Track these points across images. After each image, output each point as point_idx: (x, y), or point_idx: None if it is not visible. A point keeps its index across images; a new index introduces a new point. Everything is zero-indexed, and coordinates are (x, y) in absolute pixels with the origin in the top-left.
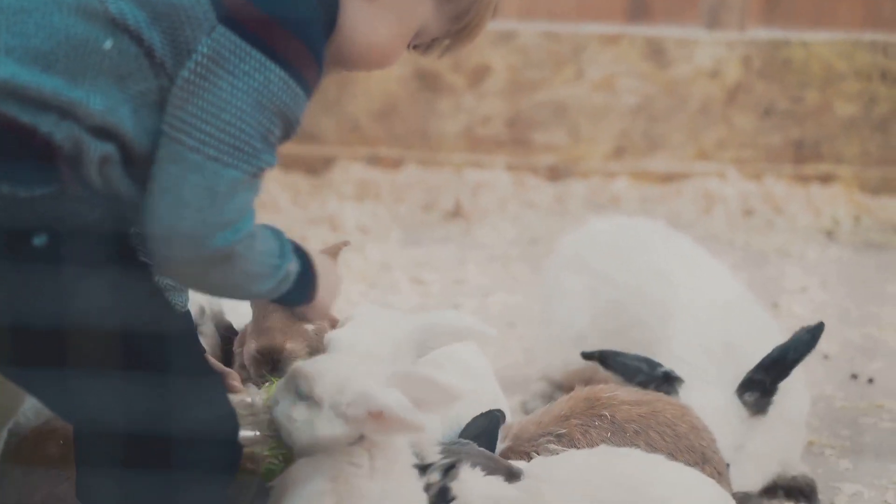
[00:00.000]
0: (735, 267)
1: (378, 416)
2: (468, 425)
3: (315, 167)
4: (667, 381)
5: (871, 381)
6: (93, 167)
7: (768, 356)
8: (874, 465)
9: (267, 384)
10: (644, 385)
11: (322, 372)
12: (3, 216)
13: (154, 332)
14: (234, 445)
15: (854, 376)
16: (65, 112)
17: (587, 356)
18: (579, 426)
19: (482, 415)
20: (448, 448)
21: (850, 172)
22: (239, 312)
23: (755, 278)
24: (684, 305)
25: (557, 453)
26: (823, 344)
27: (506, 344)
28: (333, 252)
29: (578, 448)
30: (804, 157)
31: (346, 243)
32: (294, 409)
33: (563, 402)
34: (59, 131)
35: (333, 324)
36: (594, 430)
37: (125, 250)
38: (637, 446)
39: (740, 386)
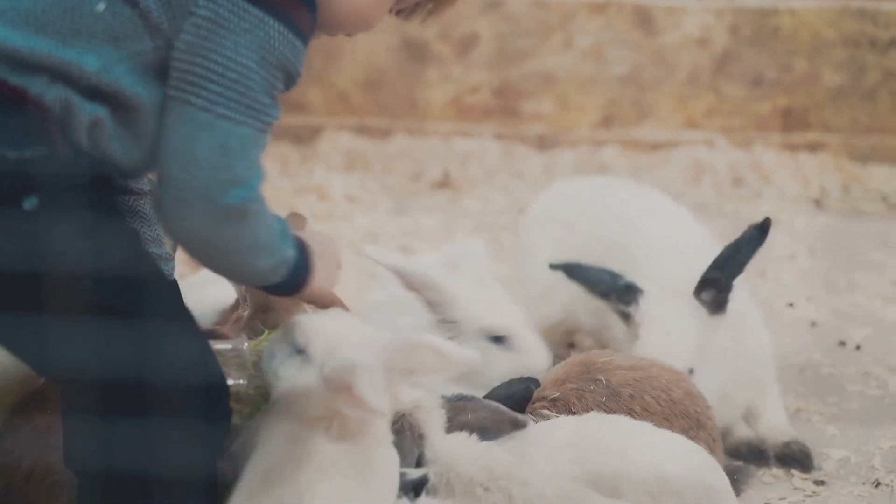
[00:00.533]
0: (723, 236)
1: (348, 390)
2: (500, 386)
3: (303, 137)
4: (628, 291)
5: (858, 347)
6: (83, 130)
7: (721, 254)
8: (861, 432)
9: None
10: (605, 295)
11: (319, 329)
12: None
13: (141, 292)
14: (219, 392)
15: (842, 343)
16: (56, 73)
17: (554, 267)
18: (574, 390)
19: (518, 380)
20: (451, 403)
21: (838, 141)
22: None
23: None
24: (646, 242)
25: (550, 418)
26: (811, 311)
27: None
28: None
29: (574, 412)
30: (792, 125)
31: (298, 217)
32: (285, 364)
33: (559, 367)
34: (50, 93)
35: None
36: (589, 394)
37: (113, 214)
38: (632, 411)
39: (697, 287)
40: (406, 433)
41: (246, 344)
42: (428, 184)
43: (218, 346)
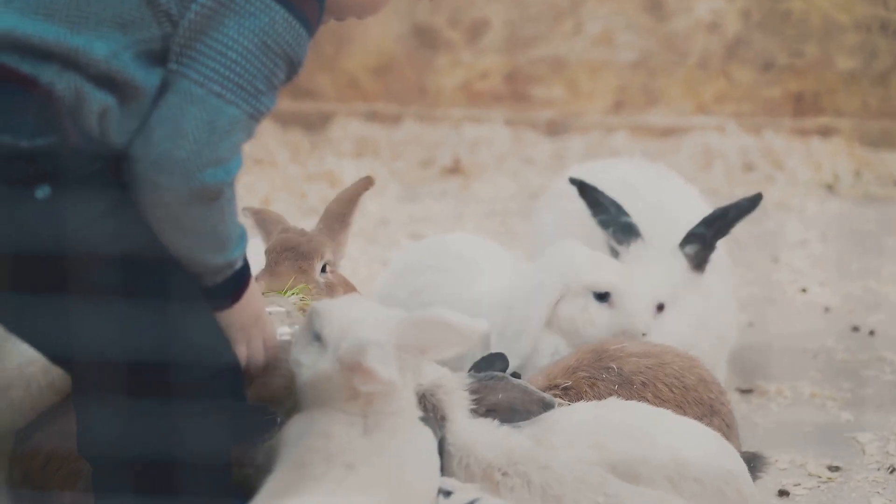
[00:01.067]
0: None
1: (360, 368)
2: (480, 361)
3: (313, 124)
4: (626, 230)
5: (872, 333)
6: (93, 118)
7: (710, 214)
8: (876, 417)
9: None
10: (605, 224)
11: (334, 313)
12: (5, 167)
13: (157, 276)
14: (235, 374)
15: (855, 329)
16: (67, 61)
17: (573, 181)
18: (586, 379)
19: (496, 355)
20: (481, 383)
21: (850, 126)
22: None
23: (755, 232)
24: (642, 206)
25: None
26: (824, 297)
27: None
28: (354, 196)
29: (586, 401)
30: (804, 110)
31: (369, 182)
32: (305, 352)
33: (570, 355)
34: (61, 82)
35: (268, 350)
36: (601, 382)
37: (126, 202)
38: (644, 399)
39: (683, 239)
40: (429, 414)
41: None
42: (438, 170)
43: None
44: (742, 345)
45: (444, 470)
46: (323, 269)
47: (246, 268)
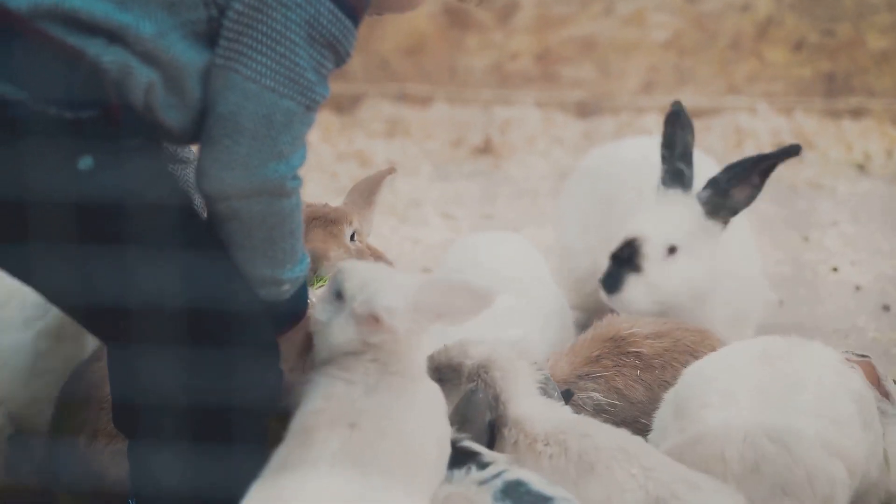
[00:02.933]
0: (766, 201)
1: (375, 321)
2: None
3: (343, 105)
4: (674, 176)
5: None
6: (139, 92)
7: (729, 165)
8: None
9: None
10: (663, 159)
11: (355, 270)
12: (50, 138)
13: (195, 252)
14: (262, 323)
15: (886, 307)
16: (113, 36)
17: (675, 105)
18: (613, 367)
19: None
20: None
21: (882, 106)
22: None
23: (786, 213)
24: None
25: (598, 400)
26: (855, 276)
27: None
28: (377, 179)
29: (617, 388)
30: (836, 90)
31: (391, 170)
32: (325, 310)
33: (588, 341)
34: (107, 55)
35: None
36: (627, 368)
37: (167, 175)
38: (664, 381)
39: (702, 188)
40: (479, 393)
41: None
42: (469, 150)
43: None
44: (773, 324)
45: (497, 447)
46: (352, 238)
47: (299, 300)
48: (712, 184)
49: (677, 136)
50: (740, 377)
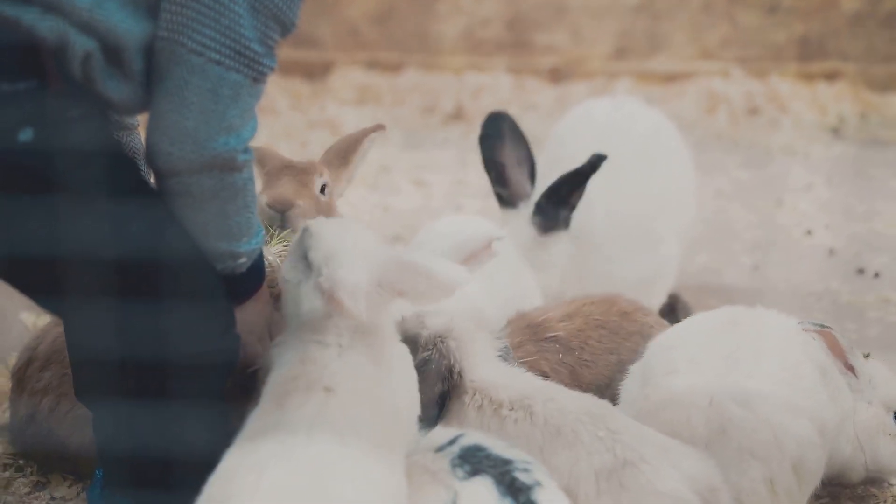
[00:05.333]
0: (739, 165)
1: (332, 297)
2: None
3: (313, 72)
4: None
5: (877, 275)
6: (76, 62)
7: (550, 185)
8: (880, 358)
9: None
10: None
11: (323, 237)
12: None
13: (143, 220)
14: (212, 278)
15: (860, 271)
16: (49, 5)
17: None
18: (538, 353)
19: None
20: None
21: (855, 69)
22: None
23: (760, 176)
24: None
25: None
26: (829, 239)
27: None
28: (358, 138)
29: (545, 372)
30: (809, 54)
31: (378, 127)
32: (293, 270)
33: (508, 331)
34: (43, 24)
35: (249, 359)
36: (549, 353)
37: (112, 144)
38: (583, 360)
39: (532, 213)
40: (431, 364)
41: (274, 252)
42: (440, 117)
43: None
44: (747, 288)
45: (458, 414)
46: (322, 191)
47: (257, 272)
48: (538, 209)
49: (490, 155)
50: (704, 345)
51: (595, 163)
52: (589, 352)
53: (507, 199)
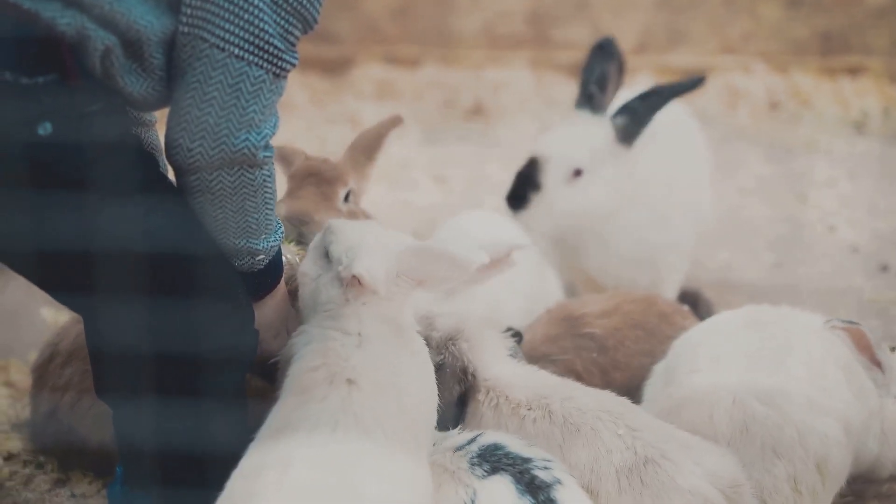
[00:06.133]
0: (761, 161)
1: (356, 282)
2: None
3: (332, 68)
4: (585, 97)
5: None
6: (96, 57)
7: (646, 90)
8: None
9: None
10: (583, 82)
11: (342, 232)
12: (7, 104)
13: (161, 215)
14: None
15: (884, 268)
16: (69, 1)
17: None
18: (573, 349)
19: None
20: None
21: (879, 64)
22: None
23: (782, 172)
24: None
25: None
26: (852, 235)
27: None
28: (381, 132)
29: (576, 370)
30: (832, 48)
31: (397, 120)
32: (313, 266)
33: (543, 323)
34: (63, 18)
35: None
36: (584, 351)
37: (130, 138)
38: (617, 361)
39: (617, 111)
40: (446, 368)
41: (292, 250)
42: (460, 113)
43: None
44: (769, 284)
45: (474, 413)
46: (346, 199)
47: (275, 268)
48: (628, 110)
49: (597, 63)
50: (728, 343)
51: (695, 82)
52: (623, 353)
53: (596, 101)
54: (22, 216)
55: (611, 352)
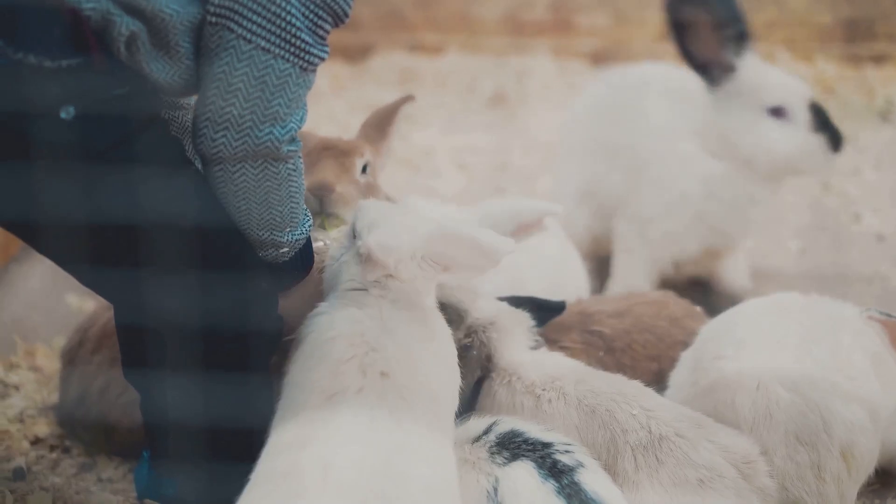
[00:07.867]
0: None
1: (368, 258)
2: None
3: (354, 55)
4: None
5: None
6: (121, 42)
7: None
8: None
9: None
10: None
11: (370, 209)
12: (30, 87)
13: (183, 198)
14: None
15: None
16: None
17: None
18: (581, 343)
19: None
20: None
21: None
22: None
23: None
24: None
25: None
26: (877, 224)
27: None
28: (393, 109)
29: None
30: (857, 36)
31: (409, 98)
32: (340, 246)
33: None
34: (87, 3)
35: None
36: (592, 348)
37: (156, 122)
38: (623, 364)
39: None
40: (472, 351)
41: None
42: (482, 100)
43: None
44: (795, 273)
45: (487, 392)
46: (363, 171)
47: (302, 260)
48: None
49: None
50: (754, 330)
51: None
52: (630, 356)
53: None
54: (44, 197)
55: (617, 353)
